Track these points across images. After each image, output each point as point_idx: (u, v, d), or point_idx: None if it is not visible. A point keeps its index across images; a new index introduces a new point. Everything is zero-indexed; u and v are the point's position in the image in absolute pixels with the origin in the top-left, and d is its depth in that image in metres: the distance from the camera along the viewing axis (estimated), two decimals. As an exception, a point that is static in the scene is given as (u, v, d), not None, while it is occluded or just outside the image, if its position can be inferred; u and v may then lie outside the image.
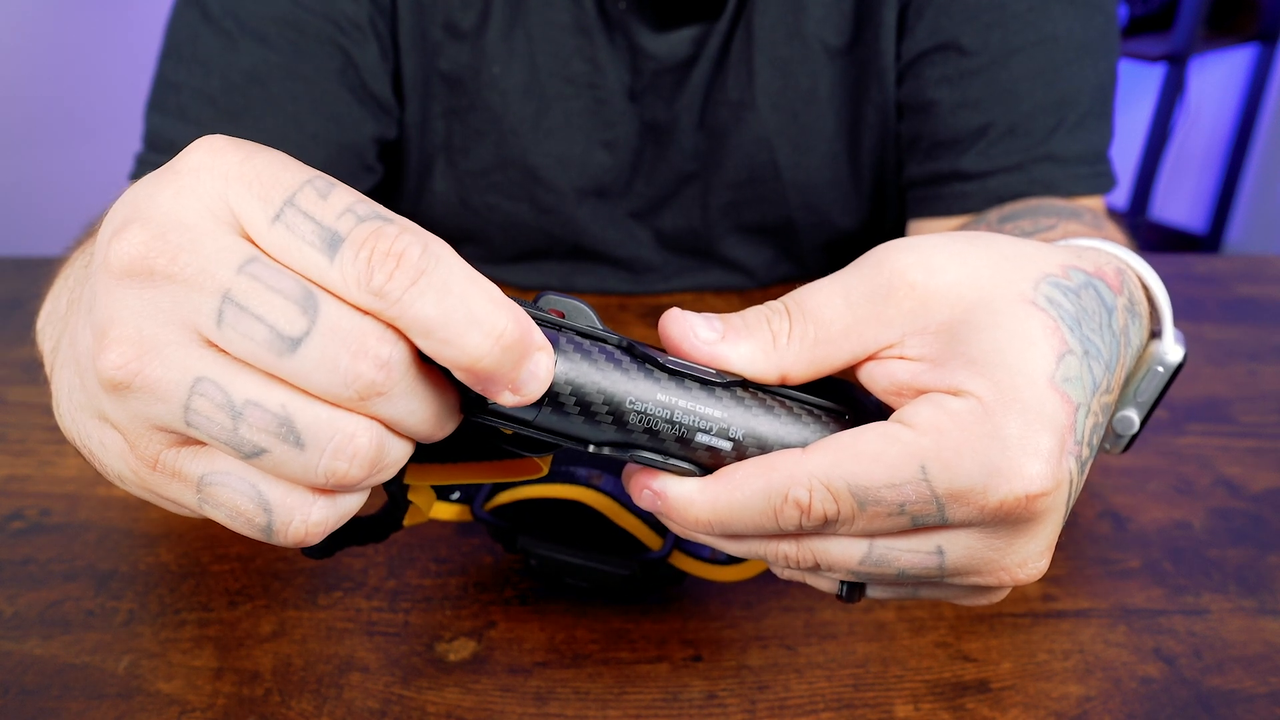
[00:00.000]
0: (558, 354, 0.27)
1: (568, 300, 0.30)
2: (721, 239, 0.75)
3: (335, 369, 0.24)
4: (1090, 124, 0.63)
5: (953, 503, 0.28)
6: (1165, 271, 0.37)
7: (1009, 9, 0.61)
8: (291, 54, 0.61)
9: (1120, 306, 0.33)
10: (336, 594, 0.46)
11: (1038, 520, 0.29)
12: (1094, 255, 0.34)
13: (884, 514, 0.28)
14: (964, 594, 0.32)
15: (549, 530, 0.45)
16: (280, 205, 0.24)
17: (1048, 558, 0.30)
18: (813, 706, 0.41)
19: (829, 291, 0.31)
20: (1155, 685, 0.43)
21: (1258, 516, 0.53)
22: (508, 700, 0.41)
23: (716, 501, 0.29)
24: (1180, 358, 0.36)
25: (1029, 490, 0.27)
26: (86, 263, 0.30)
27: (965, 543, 0.29)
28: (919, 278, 0.30)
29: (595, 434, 0.29)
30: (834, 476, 0.28)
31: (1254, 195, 2.56)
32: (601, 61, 0.67)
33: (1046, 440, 0.28)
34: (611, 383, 0.28)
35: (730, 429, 0.29)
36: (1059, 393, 0.28)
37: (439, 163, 0.70)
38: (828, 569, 0.31)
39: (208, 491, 0.26)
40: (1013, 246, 0.31)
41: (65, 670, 0.42)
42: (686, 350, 0.30)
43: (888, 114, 0.67)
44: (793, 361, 0.30)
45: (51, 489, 0.53)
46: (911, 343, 0.30)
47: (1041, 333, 0.29)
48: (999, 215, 0.59)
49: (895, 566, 0.30)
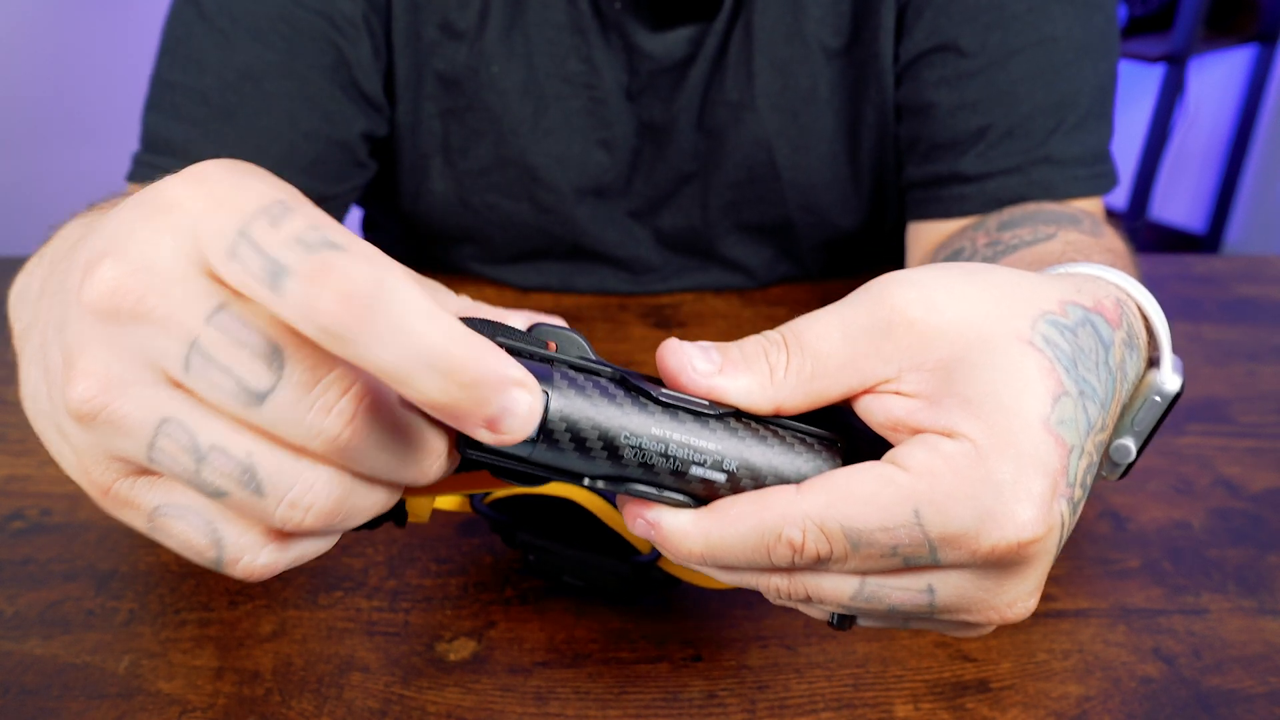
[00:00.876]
0: (552, 389, 0.27)
1: (560, 330, 0.30)
2: (721, 239, 0.75)
3: (300, 423, 0.24)
4: (1090, 125, 0.63)
5: (945, 546, 0.28)
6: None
7: (1008, 10, 0.61)
8: (286, 51, 0.61)
9: (1118, 341, 0.33)
10: (337, 594, 0.46)
11: (1028, 563, 0.29)
12: (1093, 288, 0.34)
13: (876, 555, 0.29)
14: (953, 628, 0.33)
15: (548, 526, 0.45)
16: (234, 238, 0.23)
17: (1036, 597, 0.31)
18: (813, 706, 0.41)
19: (827, 324, 0.31)
20: (1155, 685, 0.43)
21: (1257, 516, 0.53)
22: (508, 700, 0.41)
23: (710, 535, 0.30)
24: (1178, 387, 0.36)
25: (1021, 537, 0.28)
26: (73, 246, 0.29)
27: (956, 583, 0.29)
28: (918, 314, 0.30)
29: (590, 468, 0.29)
30: (828, 517, 0.28)
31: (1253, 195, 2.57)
32: (598, 61, 0.67)
33: (1039, 485, 0.28)
34: (606, 417, 0.28)
35: (724, 461, 0.29)
36: (1053, 435, 0.28)
37: (436, 162, 0.70)
38: (819, 602, 0.31)
39: (160, 522, 0.26)
40: (1012, 282, 0.31)
41: (65, 670, 0.42)
42: (684, 383, 0.30)
43: (887, 115, 0.67)
44: (789, 395, 0.30)
45: (52, 489, 0.53)
46: (908, 379, 0.30)
47: (1037, 374, 0.29)
48: (998, 222, 0.59)
49: (886, 603, 0.30)
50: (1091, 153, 0.63)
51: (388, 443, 0.25)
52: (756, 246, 0.76)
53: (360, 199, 0.79)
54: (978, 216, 0.63)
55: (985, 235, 0.58)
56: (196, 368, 0.23)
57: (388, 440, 0.25)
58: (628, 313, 0.74)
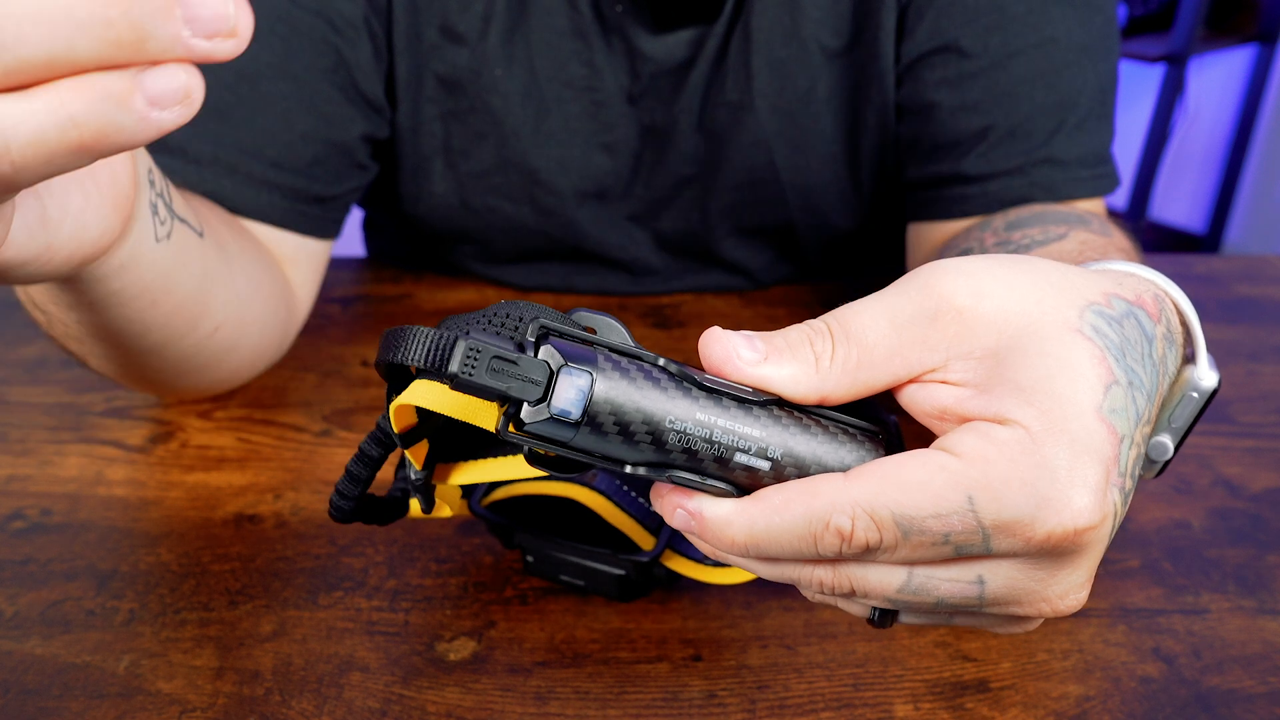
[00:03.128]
0: (596, 371, 0.27)
1: (599, 316, 0.29)
2: (721, 241, 0.75)
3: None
4: (1091, 126, 0.63)
5: (999, 534, 0.27)
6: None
7: (1009, 11, 0.61)
8: (283, 52, 0.61)
9: (1159, 335, 0.33)
10: (337, 594, 0.46)
11: (1082, 552, 0.28)
12: (1134, 282, 0.33)
13: (928, 543, 0.28)
14: (999, 623, 0.32)
15: (546, 527, 0.45)
16: None
17: (1088, 589, 0.30)
18: (812, 706, 0.41)
19: (873, 313, 0.30)
20: (1154, 685, 0.43)
21: (1257, 516, 0.53)
22: (508, 700, 0.41)
23: (754, 524, 0.29)
24: (1215, 383, 0.36)
25: (1077, 524, 0.27)
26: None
27: (1007, 573, 0.29)
28: (966, 302, 0.30)
29: (632, 454, 0.28)
30: (878, 504, 0.28)
31: (1253, 195, 2.57)
32: (599, 65, 0.67)
33: (1094, 472, 0.27)
34: (650, 402, 0.28)
35: (768, 449, 0.29)
36: (1106, 424, 0.28)
37: (437, 165, 0.70)
38: (863, 595, 0.30)
39: None
40: (1058, 273, 0.31)
41: (66, 670, 0.42)
42: (729, 372, 0.29)
43: (887, 116, 0.67)
44: (834, 384, 0.30)
45: (52, 489, 0.53)
46: (956, 367, 0.30)
47: (1089, 363, 0.29)
48: (1005, 222, 0.59)
49: (934, 595, 0.30)
50: (1093, 153, 0.63)
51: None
52: (757, 249, 0.76)
53: (361, 200, 0.79)
54: (979, 217, 0.63)
55: (993, 235, 0.58)
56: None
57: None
58: (628, 313, 0.74)
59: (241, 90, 0.60)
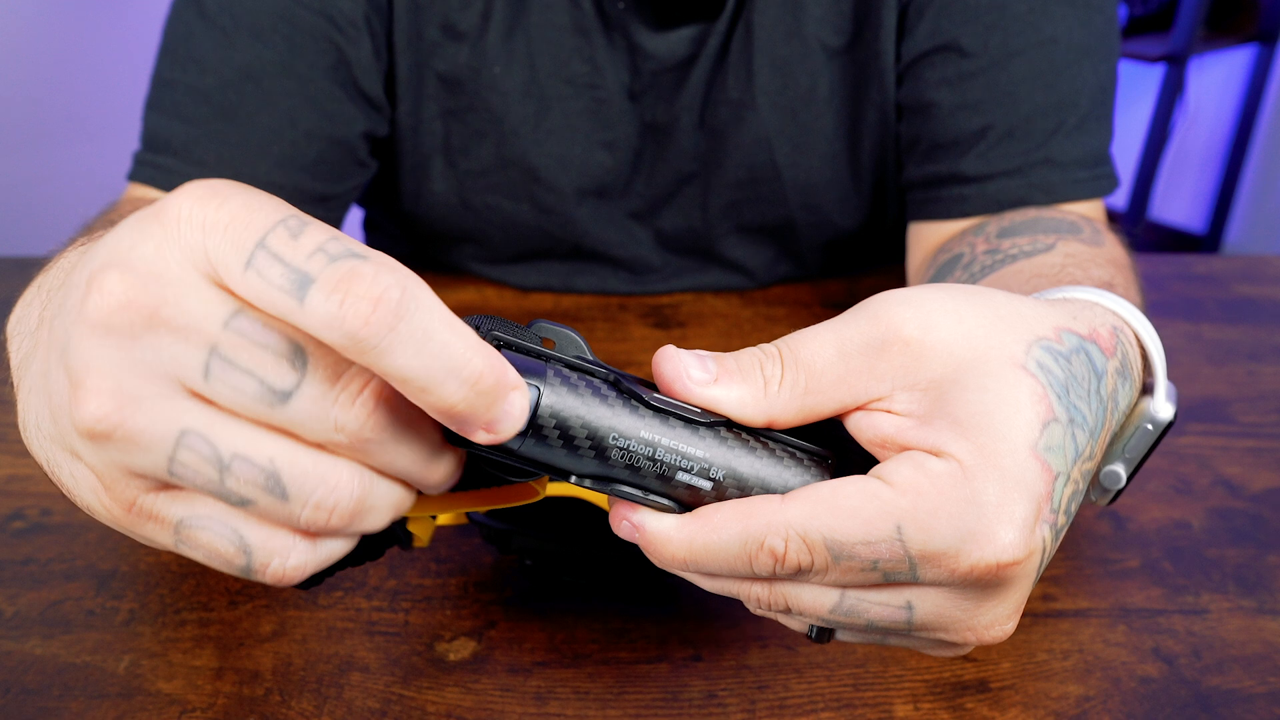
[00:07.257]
0: (544, 385, 0.28)
1: (559, 329, 0.30)
2: (721, 239, 0.75)
3: (325, 418, 0.24)
4: (1090, 126, 0.63)
5: (925, 563, 0.28)
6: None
7: (1009, 11, 0.61)
8: (286, 50, 0.61)
9: (1111, 370, 0.33)
10: (337, 594, 0.46)
11: (1008, 585, 0.29)
12: (1090, 315, 0.34)
13: (857, 568, 0.29)
14: (931, 646, 0.33)
15: (546, 527, 0.45)
16: (251, 250, 0.23)
17: (1015, 620, 0.31)
18: (812, 706, 0.41)
19: (823, 340, 0.31)
20: (1154, 685, 0.43)
21: (1257, 516, 0.53)
22: (508, 700, 0.41)
23: (693, 541, 0.30)
24: (1170, 416, 0.36)
25: (1000, 558, 0.28)
26: (69, 270, 0.29)
27: (935, 601, 0.30)
28: (914, 333, 0.30)
29: (576, 466, 0.29)
30: (810, 528, 0.28)
31: (1253, 195, 2.57)
32: (601, 62, 0.67)
33: (1022, 508, 0.28)
34: (595, 416, 0.28)
35: (711, 469, 0.30)
36: (1040, 461, 0.29)
37: (437, 163, 0.70)
38: (798, 613, 0.31)
39: (186, 534, 0.26)
40: (1009, 305, 0.32)
41: (66, 670, 0.42)
42: (679, 391, 0.30)
43: (887, 114, 0.67)
44: (782, 408, 0.30)
45: (52, 489, 0.53)
46: (900, 397, 0.30)
47: (1029, 399, 0.29)
48: (998, 228, 0.59)
49: (865, 617, 0.30)
50: (1092, 154, 0.63)
51: (405, 434, 0.25)
52: (757, 247, 0.76)
53: (360, 199, 0.79)
54: (978, 218, 0.63)
55: (985, 242, 0.58)
56: (217, 373, 0.23)
57: (405, 432, 0.25)
58: (628, 313, 0.74)
59: (246, 89, 0.60)
